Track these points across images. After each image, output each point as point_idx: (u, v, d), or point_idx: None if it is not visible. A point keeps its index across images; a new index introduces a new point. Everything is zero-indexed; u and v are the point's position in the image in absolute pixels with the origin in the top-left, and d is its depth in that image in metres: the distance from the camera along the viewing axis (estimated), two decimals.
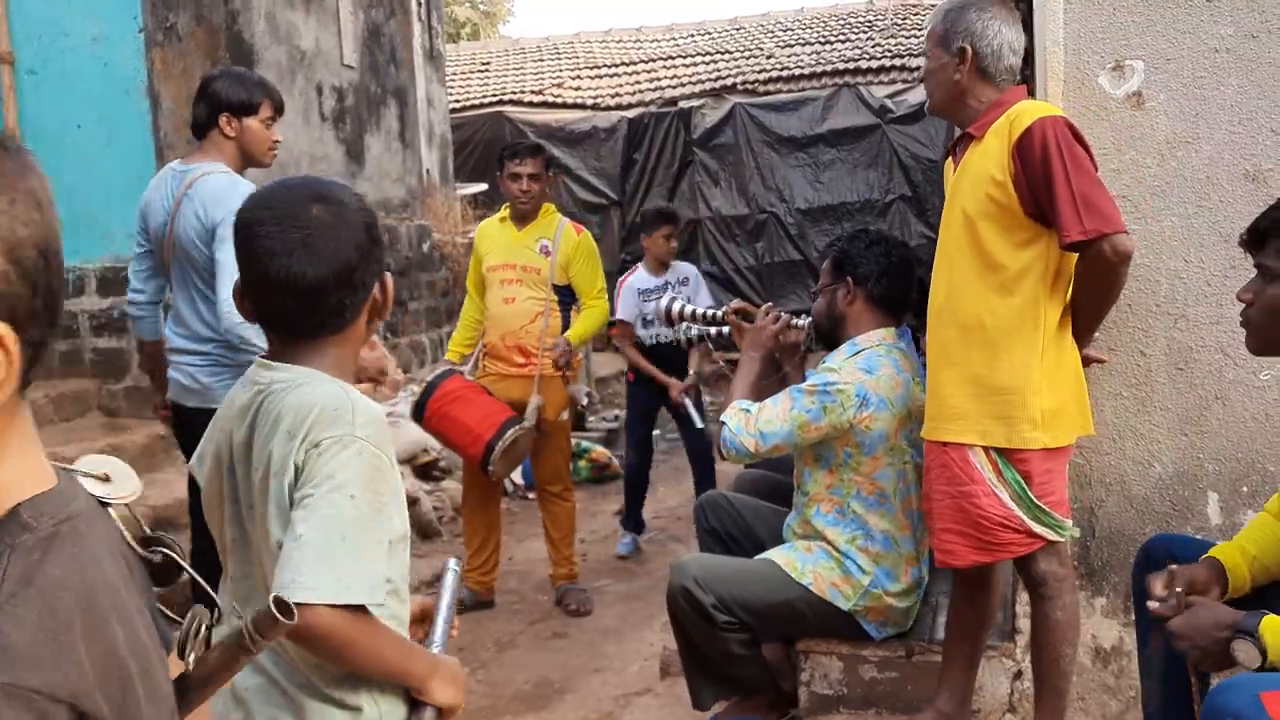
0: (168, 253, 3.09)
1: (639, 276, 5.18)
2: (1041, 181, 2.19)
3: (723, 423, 2.74)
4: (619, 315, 5.15)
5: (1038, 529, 2.33)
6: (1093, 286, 2.29)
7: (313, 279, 1.36)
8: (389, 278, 1.48)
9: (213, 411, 3.06)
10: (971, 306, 2.33)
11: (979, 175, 2.30)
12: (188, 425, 3.14)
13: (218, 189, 2.94)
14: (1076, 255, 2.26)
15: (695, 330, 3.18)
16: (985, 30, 2.33)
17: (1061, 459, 2.40)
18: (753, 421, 2.68)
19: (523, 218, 4.28)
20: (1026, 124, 2.22)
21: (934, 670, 2.69)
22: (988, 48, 2.33)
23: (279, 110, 3.17)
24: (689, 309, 3.22)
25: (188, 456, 3.31)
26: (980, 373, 2.32)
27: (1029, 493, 2.31)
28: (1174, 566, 2.01)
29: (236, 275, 1.44)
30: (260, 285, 1.40)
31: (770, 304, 3.04)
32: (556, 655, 3.87)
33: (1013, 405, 2.29)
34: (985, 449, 2.32)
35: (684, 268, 5.29)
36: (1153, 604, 1.96)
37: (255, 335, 2.85)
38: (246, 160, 3.12)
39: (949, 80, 2.38)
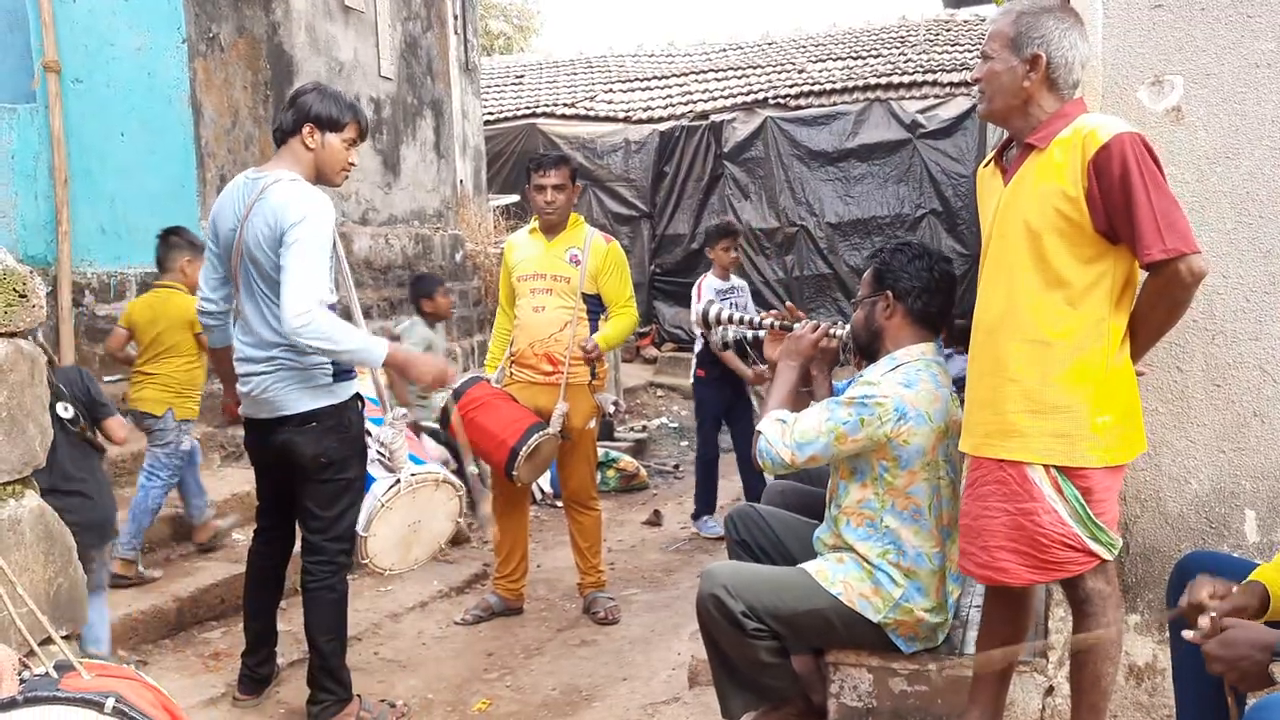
0: (235, 259, 3.10)
1: (712, 280, 5.77)
2: (1120, 199, 2.16)
3: (759, 432, 2.74)
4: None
5: (1095, 547, 2.29)
6: (1162, 305, 2.25)
7: None
8: None
9: (283, 421, 3.11)
10: (1035, 321, 2.28)
11: (1046, 189, 2.25)
12: (259, 437, 3.20)
13: (291, 196, 2.97)
14: (1140, 273, 2.24)
15: (732, 333, 3.17)
16: (1063, 40, 2.28)
17: (1119, 476, 2.37)
18: (789, 432, 2.68)
19: (551, 228, 4.30)
20: (1103, 140, 2.17)
21: (965, 684, 2.67)
22: (1062, 58, 2.28)
23: (362, 136, 3.20)
24: (726, 313, 3.22)
25: (256, 468, 3.36)
26: (1042, 388, 2.27)
27: (1088, 510, 2.28)
28: (1209, 578, 1.98)
29: (303, 283, 1.43)
30: None
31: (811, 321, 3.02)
32: (584, 663, 3.88)
33: (1075, 422, 2.25)
34: (1045, 466, 2.28)
35: (740, 281, 6.07)
36: (1188, 634, 1.92)
37: (316, 340, 2.89)
38: (319, 175, 3.15)
39: (1015, 85, 2.29)
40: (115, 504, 3.47)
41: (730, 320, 3.17)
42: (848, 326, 2.94)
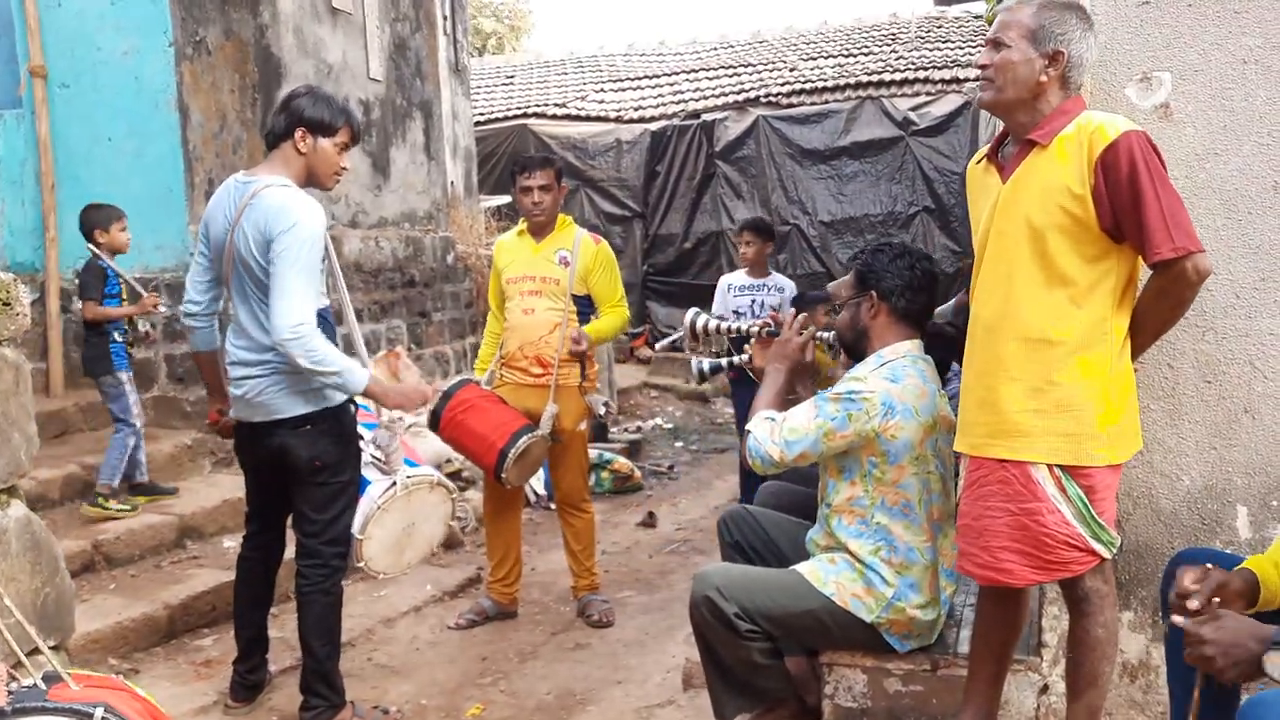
0: (227, 264, 3.09)
1: (736, 275, 5.71)
2: (1128, 197, 2.15)
3: (748, 432, 2.74)
4: (713, 311, 5.53)
5: (1096, 546, 2.29)
6: (1165, 304, 2.25)
7: None
8: None
9: (278, 424, 3.11)
10: (1036, 320, 2.27)
11: (1050, 186, 2.24)
12: (252, 440, 3.18)
13: (281, 202, 2.95)
14: (1140, 271, 2.24)
15: (708, 364, 3.22)
16: (1082, 40, 2.28)
17: (1119, 474, 2.37)
18: (778, 430, 2.68)
19: (540, 230, 4.27)
20: (1111, 137, 2.16)
21: (959, 684, 2.66)
22: (1079, 58, 2.28)
23: (355, 139, 3.18)
24: (713, 323, 3.24)
25: (246, 471, 3.35)
26: (1045, 388, 2.26)
27: (1091, 509, 2.27)
28: (1210, 566, 1.98)
29: (295, 295, 1.40)
30: None
31: (797, 314, 3.02)
32: (579, 666, 3.87)
33: (1080, 421, 2.24)
34: (1049, 466, 2.27)
35: (783, 280, 5.79)
36: (1178, 619, 1.91)
37: (304, 357, 2.88)
38: (310, 179, 3.12)
39: (1031, 78, 2.26)
40: (108, 354, 4.82)
41: (716, 330, 3.20)
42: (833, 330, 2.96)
